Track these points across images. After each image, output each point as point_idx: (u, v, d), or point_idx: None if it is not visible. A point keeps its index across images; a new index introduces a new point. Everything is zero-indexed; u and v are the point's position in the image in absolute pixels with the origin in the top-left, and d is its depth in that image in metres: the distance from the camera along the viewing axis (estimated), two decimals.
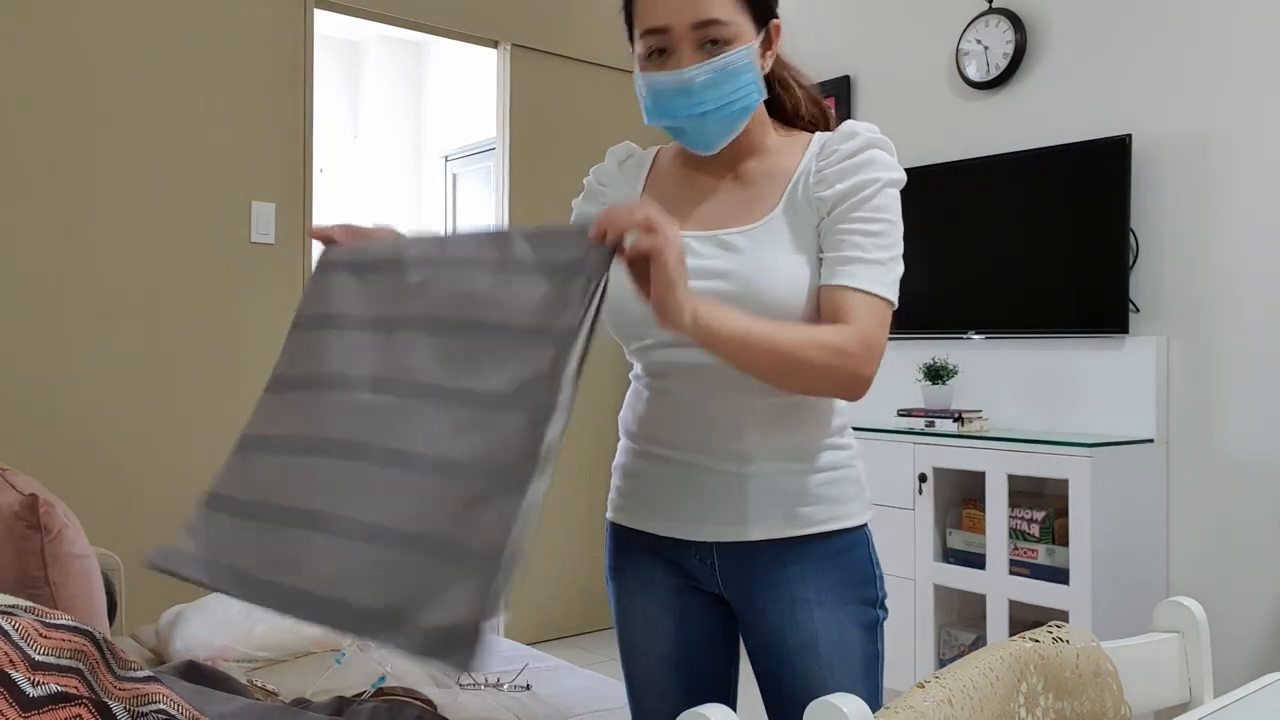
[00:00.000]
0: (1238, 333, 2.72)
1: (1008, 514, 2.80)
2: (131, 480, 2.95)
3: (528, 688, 1.91)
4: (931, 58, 3.41)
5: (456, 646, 0.82)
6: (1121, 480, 2.71)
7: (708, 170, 1.29)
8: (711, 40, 1.17)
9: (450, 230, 1.21)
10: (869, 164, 1.19)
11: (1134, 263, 2.89)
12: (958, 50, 3.31)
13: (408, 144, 6.05)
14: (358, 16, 3.49)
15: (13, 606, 1.18)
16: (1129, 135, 2.82)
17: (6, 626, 1.05)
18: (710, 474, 1.24)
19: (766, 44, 1.23)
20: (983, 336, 3.15)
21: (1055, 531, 2.79)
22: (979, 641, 2.98)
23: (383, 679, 1.89)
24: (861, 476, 1.30)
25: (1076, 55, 3.05)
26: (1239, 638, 2.70)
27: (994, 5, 3.23)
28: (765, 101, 1.26)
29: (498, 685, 1.92)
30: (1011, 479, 2.80)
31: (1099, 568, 2.63)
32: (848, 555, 1.25)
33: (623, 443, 1.36)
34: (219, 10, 3.11)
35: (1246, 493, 2.70)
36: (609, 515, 1.38)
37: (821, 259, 1.19)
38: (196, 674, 1.61)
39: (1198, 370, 2.79)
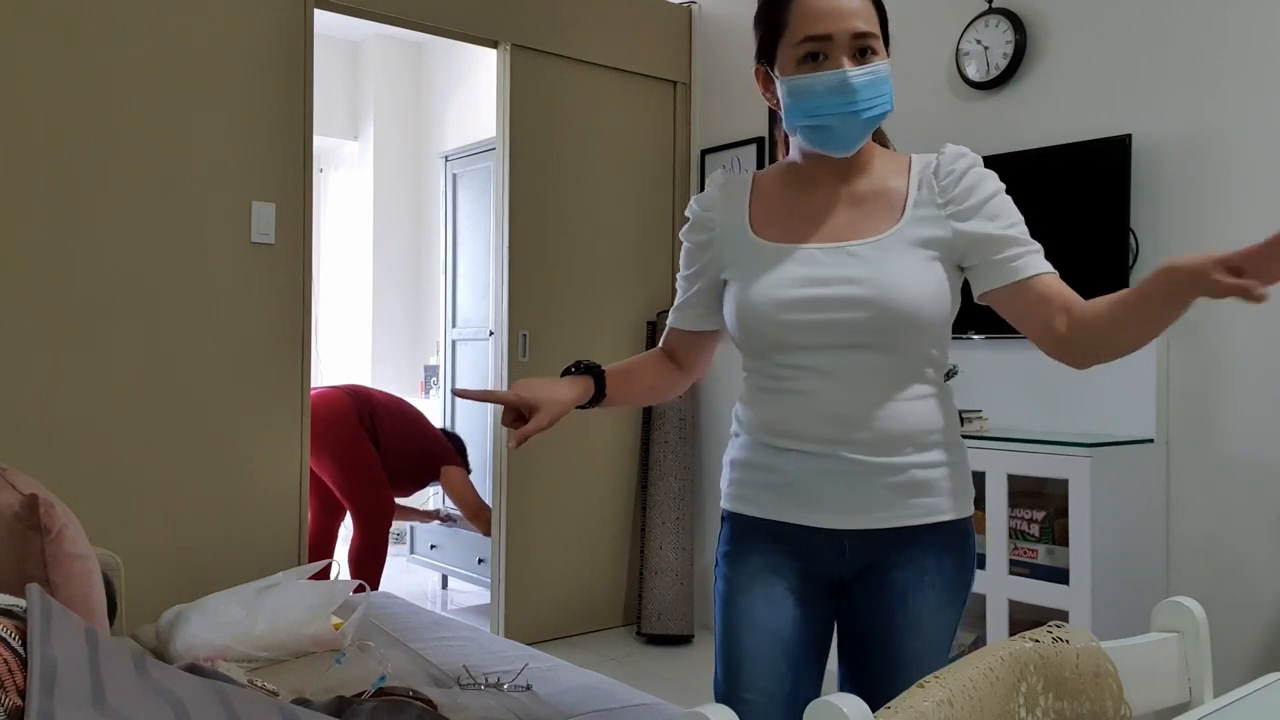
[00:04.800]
0: (1238, 333, 2.72)
1: (1007, 514, 2.80)
2: (131, 480, 2.95)
3: (528, 688, 1.91)
4: (931, 58, 3.42)
5: None
6: (1121, 480, 2.71)
7: (816, 189, 1.42)
8: (862, 50, 1.33)
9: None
10: (987, 177, 1.37)
11: (1134, 263, 2.89)
12: (958, 50, 3.31)
13: (408, 144, 6.05)
14: (358, 16, 3.49)
15: (13, 606, 1.19)
16: (1129, 135, 2.83)
17: None
18: (844, 464, 1.34)
19: None
20: (983, 337, 3.15)
21: (1055, 531, 2.79)
22: (979, 641, 2.98)
23: (383, 679, 1.89)
24: (969, 470, 1.43)
25: (1076, 55, 3.05)
26: (1239, 638, 2.70)
27: (994, 5, 3.23)
28: None
29: (498, 685, 1.93)
30: (1011, 479, 2.80)
31: (1099, 568, 2.63)
32: (960, 543, 1.40)
33: (743, 438, 1.45)
34: (219, 10, 3.11)
35: (1246, 493, 2.70)
36: (729, 506, 1.47)
37: (975, 266, 1.35)
38: (197, 674, 1.61)
39: (1198, 370, 2.79)
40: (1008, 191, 1.38)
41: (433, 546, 4.75)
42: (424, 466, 4.13)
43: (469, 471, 4.30)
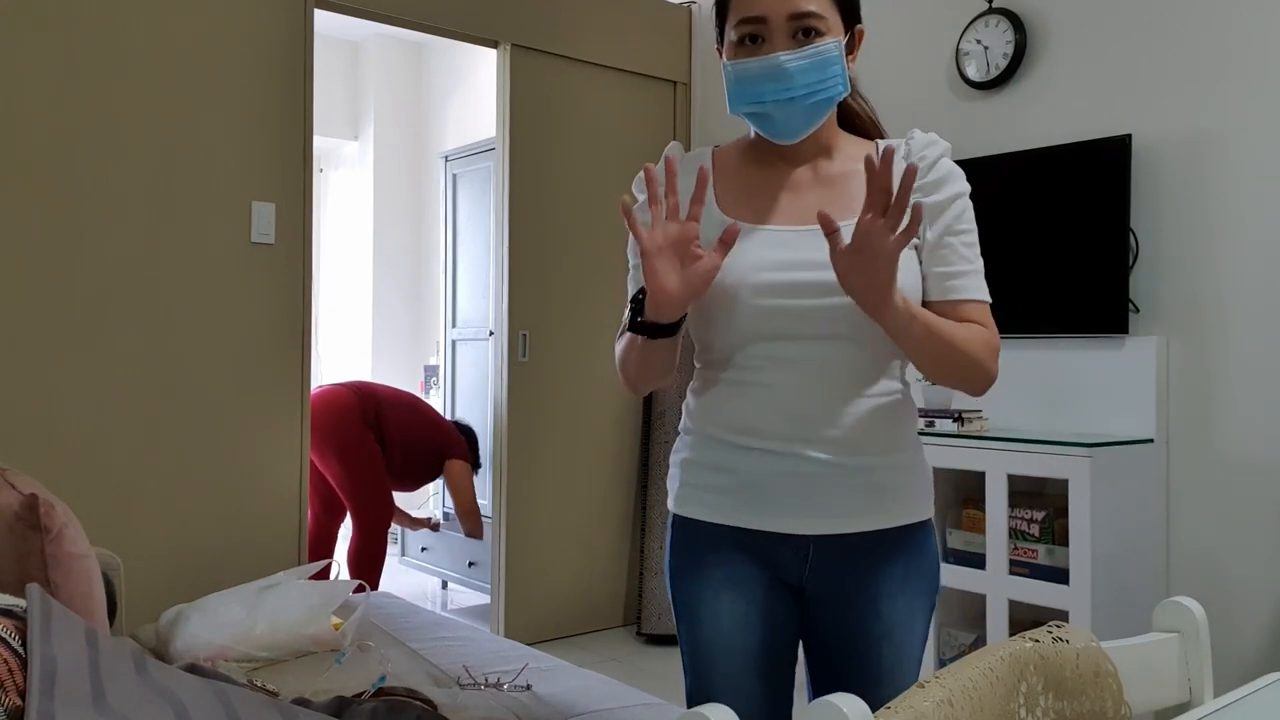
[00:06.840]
0: (1238, 333, 2.72)
1: (1007, 514, 2.80)
2: (131, 480, 2.95)
3: (528, 688, 1.91)
4: (931, 58, 3.41)
5: None
6: (1121, 480, 2.71)
7: (781, 168, 1.33)
8: (804, 30, 1.24)
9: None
10: (954, 175, 1.30)
11: (1134, 263, 2.89)
12: (958, 50, 3.31)
13: (408, 144, 6.05)
14: (358, 16, 3.49)
15: (13, 606, 1.18)
16: (1129, 135, 2.83)
17: None
18: (809, 464, 1.26)
19: (850, 46, 1.30)
20: None
21: (1055, 531, 2.79)
22: (979, 641, 2.98)
23: (383, 679, 1.89)
24: (929, 471, 1.37)
25: (1076, 55, 3.05)
26: (1239, 638, 2.70)
27: (994, 5, 3.23)
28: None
29: (498, 685, 1.93)
30: (1011, 479, 2.80)
31: (1099, 568, 2.63)
32: (923, 546, 1.33)
33: (694, 436, 1.35)
34: (219, 10, 3.11)
35: (1246, 493, 2.70)
36: (682, 511, 1.35)
37: (927, 272, 1.28)
38: (197, 674, 1.61)
39: (1197, 370, 2.79)
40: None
41: (424, 549, 4.75)
42: (432, 460, 4.13)
43: (479, 467, 4.30)
